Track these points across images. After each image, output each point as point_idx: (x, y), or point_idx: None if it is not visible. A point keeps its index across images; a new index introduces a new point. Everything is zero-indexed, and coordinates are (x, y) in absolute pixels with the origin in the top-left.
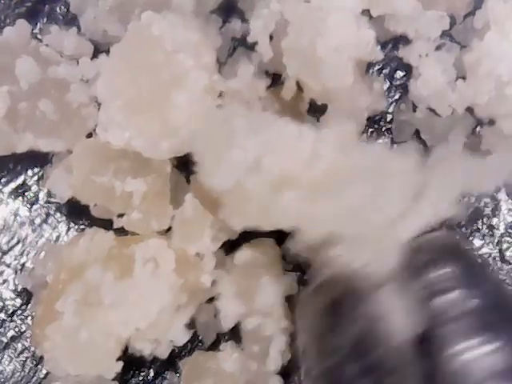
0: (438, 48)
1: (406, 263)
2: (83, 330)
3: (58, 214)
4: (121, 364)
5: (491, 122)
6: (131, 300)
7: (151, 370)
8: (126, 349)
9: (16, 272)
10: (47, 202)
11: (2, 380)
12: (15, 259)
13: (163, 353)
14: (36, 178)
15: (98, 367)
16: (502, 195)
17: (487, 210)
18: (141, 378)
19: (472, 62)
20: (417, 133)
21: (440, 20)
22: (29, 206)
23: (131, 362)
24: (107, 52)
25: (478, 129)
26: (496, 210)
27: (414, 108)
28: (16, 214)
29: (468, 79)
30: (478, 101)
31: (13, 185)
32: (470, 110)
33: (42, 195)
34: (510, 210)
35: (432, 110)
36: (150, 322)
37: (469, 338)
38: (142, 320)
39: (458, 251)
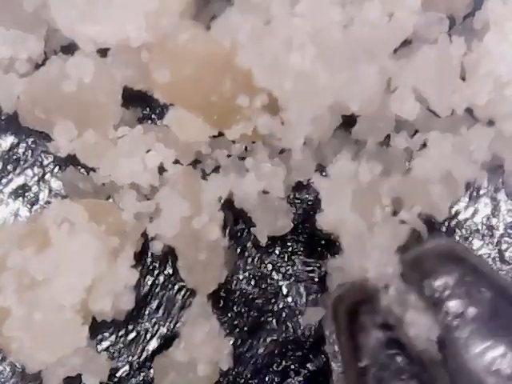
0: None
1: (406, 274)
2: (36, 314)
3: None
4: (86, 328)
5: (491, 123)
6: (62, 266)
7: (151, 371)
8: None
9: None
10: (47, 202)
11: (3, 380)
12: None
13: (126, 303)
14: (36, 178)
15: (67, 343)
16: (501, 195)
17: (487, 211)
18: (141, 378)
19: (472, 63)
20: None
21: (439, 21)
22: (29, 207)
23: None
24: None
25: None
26: (495, 211)
27: None
28: (16, 215)
29: (468, 80)
30: (477, 101)
31: (13, 185)
32: (469, 110)
33: (42, 196)
34: (509, 210)
35: (432, 111)
36: (91, 278)
37: (482, 341)
38: (82, 279)
39: (457, 260)
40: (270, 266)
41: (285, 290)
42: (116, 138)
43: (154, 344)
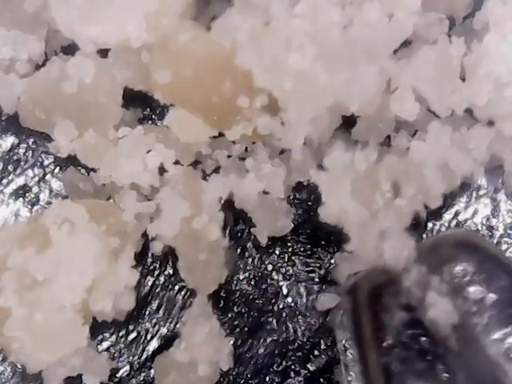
0: None
1: (424, 260)
2: (36, 314)
3: None
4: (87, 328)
5: (491, 123)
6: (62, 266)
7: (151, 371)
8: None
9: None
10: (48, 202)
11: (3, 380)
12: None
13: (127, 303)
14: (37, 179)
15: (68, 343)
16: (501, 196)
17: (487, 211)
18: (141, 378)
19: (471, 64)
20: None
21: (439, 22)
22: (29, 207)
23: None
24: None
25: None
26: (495, 211)
27: None
28: (17, 215)
29: (467, 80)
30: (477, 102)
31: (13, 186)
32: (469, 110)
33: (42, 196)
34: (509, 210)
35: (432, 111)
36: (92, 278)
37: (501, 328)
38: (82, 279)
39: (475, 247)
40: (270, 266)
41: (285, 291)
42: (116, 138)
43: (154, 344)
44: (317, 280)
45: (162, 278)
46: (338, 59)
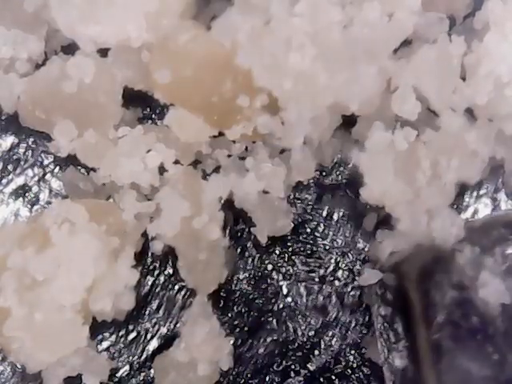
0: None
1: (475, 240)
2: (36, 314)
3: None
4: (87, 328)
5: (491, 123)
6: (62, 266)
7: (151, 371)
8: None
9: None
10: (48, 202)
11: (3, 380)
12: None
13: (127, 303)
14: (36, 178)
15: (68, 343)
16: (501, 195)
17: (487, 211)
18: (141, 378)
19: (472, 63)
20: None
21: (440, 21)
22: (29, 207)
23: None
24: None
25: None
26: (495, 211)
27: None
28: (17, 215)
29: (468, 80)
30: (477, 101)
31: (13, 185)
32: (469, 110)
33: (42, 196)
34: (509, 210)
35: (432, 111)
36: (92, 278)
37: None
38: (82, 279)
39: None
40: (270, 266)
41: (285, 290)
42: (116, 138)
43: (154, 344)
44: (317, 280)
45: (161, 278)
46: (338, 59)
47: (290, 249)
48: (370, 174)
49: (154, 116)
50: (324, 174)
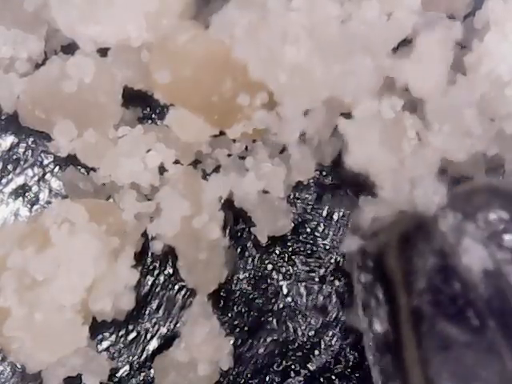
0: None
1: (458, 206)
2: (36, 314)
3: None
4: (86, 328)
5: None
6: (62, 266)
7: (151, 371)
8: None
9: None
10: (48, 202)
11: (3, 380)
12: None
13: (127, 303)
14: (36, 178)
15: (68, 343)
16: None
17: None
18: (141, 378)
19: (472, 63)
20: None
21: (439, 21)
22: (29, 207)
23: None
24: None
25: None
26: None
27: None
28: (16, 215)
29: (468, 79)
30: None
31: (13, 185)
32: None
33: (42, 196)
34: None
35: None
36: (92, 278)
37: None
38: (82, 279)
39: (509, 195)
40: (270, 266)
41: (285, 290)
42: (116, 137)
43: (154, 344)
44: (317, 280)
45: (161, 278)
46: (335, 53)
47: (290, 249)
48: (355, 141)
49: (154, 116)
50: (324, 173)
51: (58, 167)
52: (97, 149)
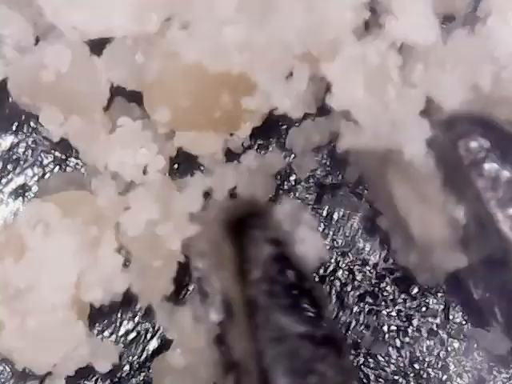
0: None
1: (438, 136)
2: (29, 320)
3: None
4: (82, 323)
5: None
6: (44, 268)
7: (151, 371)
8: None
9: None
10: None
11: (3, 380)
12: None
13: (119, 285)
14: (36, 178)
15: (67, 341)
16: None
17: None
18: (141, 378)
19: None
20: None
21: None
22: None
23: None
24: None
25: None
26: None
27: None
28: (16, 215)
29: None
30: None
31: (13, 185)
32: None
33: None
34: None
35: None
36: (77, 273)
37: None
38: (67, 277)
39: (490, 125)
40: None
41: None
42: (109, 124)
43: (154, 344)
44: (317, 280)
45: None
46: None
47: None
48: (338, 84)
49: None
50: (324, 173)
51: (58, 167)
52: (87, 133)
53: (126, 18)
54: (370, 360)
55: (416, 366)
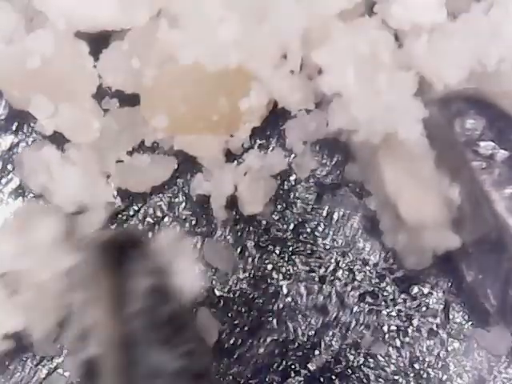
0: None
1: (433, 114)
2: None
3: None
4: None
5: None
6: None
7: None
8: None
9: None
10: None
11: (3, 380)
12: None
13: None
14: None
15: None
16: None
17: None
18: None
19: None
20: None
21: None
22: None
23: None
24: None
25: None
26: None
27: None
28: (16, 214)
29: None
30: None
31: (13, 185)
32: None
33: None
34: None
35: None
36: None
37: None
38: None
39: (486, 104)
40: (270, 266)
41: (285, 290)
42: (99, 109)
43: None
44: (317, 280)
45: None
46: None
47: (290, 249)
48: (329, 68)
49: None
50: (324, 173)
51: None
52: (78, 121)
53: (114, 10)
54: (370, 360)
55: (416, 365)
